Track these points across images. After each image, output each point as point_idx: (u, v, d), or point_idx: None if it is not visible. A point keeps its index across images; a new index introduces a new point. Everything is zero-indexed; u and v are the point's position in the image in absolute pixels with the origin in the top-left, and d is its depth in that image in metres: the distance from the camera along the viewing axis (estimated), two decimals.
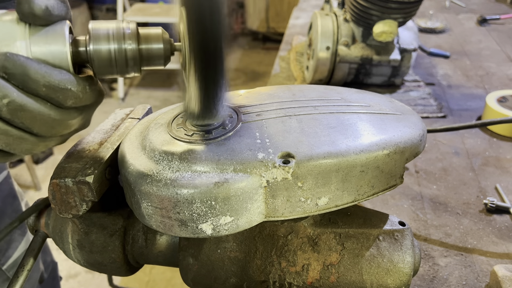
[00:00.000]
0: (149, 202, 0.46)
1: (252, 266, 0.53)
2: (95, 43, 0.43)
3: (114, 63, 0.44)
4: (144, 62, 0.46)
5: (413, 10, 1.05)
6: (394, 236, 0.53)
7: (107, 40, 0.43)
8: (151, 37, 0.45)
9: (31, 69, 0.39)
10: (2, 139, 0.40)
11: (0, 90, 0.38)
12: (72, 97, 0.42)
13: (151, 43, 0.45)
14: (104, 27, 0.44)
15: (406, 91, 1.25)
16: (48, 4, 0.40)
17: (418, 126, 0.54)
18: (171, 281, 2.09)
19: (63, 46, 0.42)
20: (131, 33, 0.44)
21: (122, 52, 0.44)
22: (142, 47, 0.45)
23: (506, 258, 0.73)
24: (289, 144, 0.47)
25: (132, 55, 0.44)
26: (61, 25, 0.42)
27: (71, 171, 0.49)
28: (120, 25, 0.44)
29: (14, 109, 0.39)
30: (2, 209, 0.87)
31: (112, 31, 0.44)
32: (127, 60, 0.44)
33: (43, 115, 0.40)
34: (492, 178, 0.91)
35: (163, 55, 0.46)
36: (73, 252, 0.57)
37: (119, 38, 0.44)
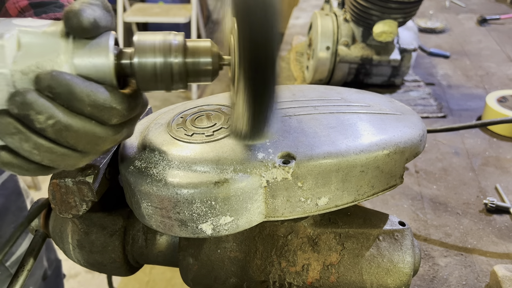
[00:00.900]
0: (149, 202, 0.46)
1: (252, 266, 0.53)
2: (139, 56, 0.41)
3: (159, 78, 0.42)
4: (191, 77, 0.43)
5: (413, 10, 1.05)
6: (394, 236, 0.53)
7: (153, 53, 0.41)
8: (199, 50, 0.42)
9: (77, 88, 0.38)
10: (47, 156, 0.39)
11: (46, 110, 0.37)
12: (117, 115, 0.40)
13: (199, 56, 0.42)
14: (149, 39, 0.41)
15: (406, 91, 1.25)
16: (96, 16, 0.39)
17: (418, 126, 0.54)
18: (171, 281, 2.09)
19: (106, 60, 0.40)
20: (177, 46, 0.41)
21: (167, 66, 0.41)
22: (189, 61, 0.42)
23: (506, 258, 0.73)
24: (289, 144, 0.47)
25: (178, 70, 0.42)
26: (106, 37, 0.41)
27: (71, 171, 0.49)
28: (167, 37, 0.42)
29: (59, 129, 0.38)
30: (7, 206, 0.87)
31: (158, 44, 0.41)
32: (173, 75, 0.42)
33: (88, 134, 0.39)
34: (492, 178, 0.91)
35: (211, 70, 0.43)
36: (73, 252, 0.57)
37: (165, 51, 0.41)
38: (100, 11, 0.40)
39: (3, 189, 0.87)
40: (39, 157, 0.39)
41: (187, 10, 3.52)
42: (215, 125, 0.50)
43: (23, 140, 0.38)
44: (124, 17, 3.49)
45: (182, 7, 3.60)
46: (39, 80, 0.37)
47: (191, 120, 0.52)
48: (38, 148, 0.38)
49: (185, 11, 3.52)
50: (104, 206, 0.56)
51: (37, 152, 0.38)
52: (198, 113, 0.53)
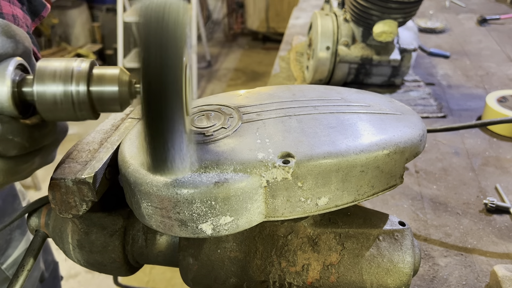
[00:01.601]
0: (149, 202, 0.46)
1: (252, 266, 0.53)
2: (38, 83, 0.39)
3: (59, 106, 0.39)
4: (97, 106, 0.41)
5: (413, 10, 1.05)
6: (394, 236, 0.53)
7: (53, 80, 0.39)
8: (105, 78, 0.40)
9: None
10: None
11: None
12: (16, 147, 0.38)
13: (104, 85, 0.40)
14: (51, 65, 0.39)
15: (406, 91, 1.25)
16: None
17: (418, 126, 0.54)
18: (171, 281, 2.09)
19: (2, 87, 0.37)
20: (80, 73, 0.39)
21: (68, 95, 0.39)
22: (93, 89, 0.40)
23: (506, 258, 0.73)
24: (289, 144, 0.47)
25: (81, 98, 0.39)
26: (5, 64, 0.38)
27: (71, 171, 0.49)
28: (70, 64, 0.39)
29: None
30: (3, 208, 0.87)
31: (59, 71, 0.39)
32: (74, 104, 0.39)
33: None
34: (492, 178, 0.91)
35: (117, 98, 0.40)
36: (73, 252, 0.57)
37: (66, 79, 0.39)
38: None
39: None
40: None
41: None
42: (215, 125, 0.50)
43: None
44: (124, 17, 3.49)
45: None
46: None
47: (191, 120, 0.52)
48: None
49: None
50: (104, 206, 0.56)
51: None
52: (198, 113, 0.53)
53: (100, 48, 4.10)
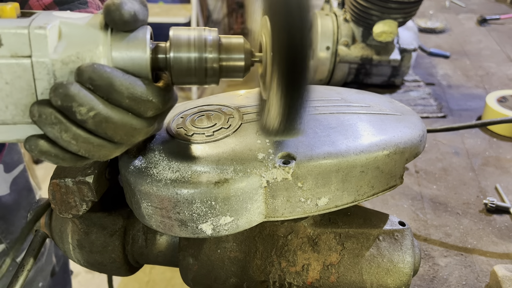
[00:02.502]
0: (149, 202, 0.46)
1: (252, 266, 0.53)
2: (175, 50, 0.42)
3: (193, 72, 0.42)
4: (224, 73, 0.44)
5: (413, 10, 1.05)
6: (394, 236, 0.53)
7: (188, 47, 0.42)
8: (233, 47, 0.43)
9: (116, 81, 0.39)
10: (84, 147, 0.40)
11: (88, 102, 0.38)
12: (153, 108, 0.41)
13: (232, 53, 0.43)
14: (185, 34, 0.42)
15: (406, 91, 1.25)
16: (135, 10, 0.40)
17: (418, 127, 0.54)
18: (171, 281, 2.09)
19: (143, 53, 0.40)
20: (212, 42, 0.42)
21: (202, 61, 0.42)
22: (223, 57, 0.43)
23: (506, 258, 0.73)
24: (289, 144, 0.47)
25: (212, 65, 0.42)
26: (143, 31, 0.41)
27: (71, 171, 0.49)
28: (202, 33, 0.42)
29: (99, 121, 0.38)
30: (18, 201, 0.88)
31: (193, 39, 0.42)
32: (207, 70, 0.42)
33: (125, 126, 0.40)
34: (492, 178, 0.91)
35: (243, 66, 0.44)
36: (73, 252, 0.57)
37: (200, 47, 0.42)
38: (138, 5, 0.40)
39: (14, 184, 0.88)
40: (77, 147, 0.39)
41: (187, 10, 3.52)
42: (215, 125, 0.50)
43: (63, 131, 0.38)
44: None
45: (182, 7, 3.61)
46: (81, 72, 0.38)
47: (191, 120, 0.52)
48: (77, 138, 0.39)
49: (185, 11, 3.52)
50: (104, 206, 0.56)
51: (75, 143, 0.39)
52: (198, 113, 0.53)
53: None
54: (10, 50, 0.37)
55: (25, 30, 0.37)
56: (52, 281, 0.99)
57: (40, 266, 0.93)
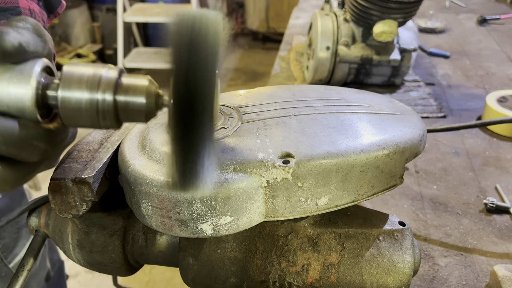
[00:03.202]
0: (149, 202, 0.46)
1: (252, 266, 0.53)
2: (64, 88, 0.37)
3: (84, 114, 0.38)
4: (122, 116, 0.39)
5: (413, 10, 1.05)
6: (394, 236, 0.53)
7: (78, 86, 0.37)
8: (133, 88, 0.38)
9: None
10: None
11: None
12: (39, 153, 0.37)
13: (131, 95, 0.38)
14: (78, 70, 0.38)
15: (406, 91, 1.25)
16: (22, 40, 0.35)
17: (418, 126, 0.54)
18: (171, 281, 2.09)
19: (26, 90, 0.36)
20: (108, 81, 0.38)
21: (93, 102, 0.37)
22: (120, 99, 0.38)
23: (506, 258, 0.73)
24: (289, 144, 0.47)
25: (105, 107, 0.38)
26: (32, 64, 0.37)
27: (71, 171, 0.49)
28: (98, 71, 0.38)
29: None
30: (10, 206, 0.87)
31: (86, 77, 0.37)
32: (98, 112, 0.38)
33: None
34: (492, 178, 0.91)
35: (144, 110, 0.39)
36: (73, 252, 0.57)
37: (93, 86, 0.37)
38: (29, 35, 0.36)
39: None
40: None
41: None
42: (215, 125, 0.50)
43: None
44: (124, 17, 3.49)
45: (182, 7, 3.60)
46: None
47: None
48: None
49: None
50: (104, 206, 0.56)
51: None
52: None
53: (100, 48, 4.10)
54: None
55: None
56: (47, 286, 0.99)
57: (34, 271, 0.92)
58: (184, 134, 0.34)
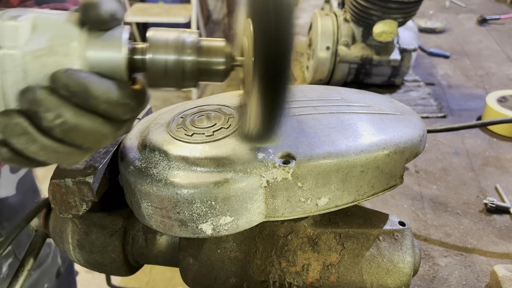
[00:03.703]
0: (149, 202, 0.46)
1: (252, 266, 0.53)
2: (152, 52, 0.40)
3: (170, 75, 0.41)
4: (202, 76, 0.42)
5: (413, 10, 1.05)
6: (394, 236, 0.53)
7: (165, 49, 0.40)
8: (212, 50, 0.42)
9: (93, 86, 0.37)
10: (52, 156, 0.39)
11: (55, 109, 0.36)
12: (129, 111, 0.40)
13: (212, 56, 0.42)
14: (163, 35, 0.41)
15: (406, 91, 1.25)
16: (113, 8, 0.38)
17: (418, 126, 0.54)
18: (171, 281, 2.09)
19: (119, 53, 0.39)
20: (191, 44, 0.41)
21: (179, 64, 0.41)
22: (202, 60, 0.41)
23: (506, 258, 0.73)
24: (289, 144, 0.47)
25: (189, 68, 0.41)
26: (120, 31, 0.40)
27: (71, 171, 0.49)
28: (181, 35, 0.41)
29: (67, 129, 0.37)
30: (24, 202, 0.88)
31: (171, 40, 0.41)
32: (184, 73, 0.41)
33: (94, 133, 0.39)
34: (492, 178, 0.91)
35: (223, 70, 0.43)
36: (73, 252, 0.57)
37: (178, 49, 0.41)
38: (116, 4, 0.39)
39: (20, 185, 0.88)
40: (45, 157, 0.39)
41: (187, 10, 3.52)
42: (215, 125, 0.50)
43: (30, 142, 0.37)
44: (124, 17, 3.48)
45: (182, 7, 3.61)
46: (55, 78, 0.37)
47: (191, 120, 0.52)
48: (44, 149, 0.38)
49: (185, 11, 3.52)
50: (104, 206, 0.56)
51: (43, 153, 0.38)
52: (198, 113, 0.53)
53: None
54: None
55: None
56: (57, 282, 0.99)
57: (46, 268, 0.93)
58: (270, 89, 0.37)
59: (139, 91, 0.41)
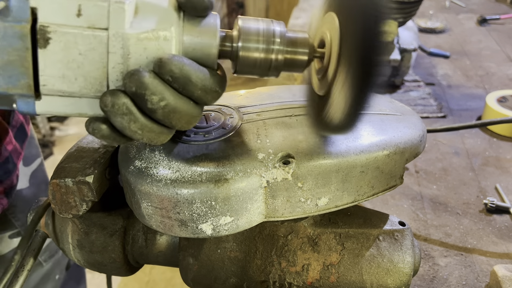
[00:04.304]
0: (149, 202, 0.46)
1: (252, 266, 0.53)
2: (244, 40, 0.42)
3: (258, 64, 0.42)
4: (286, 67, 0.44)
5: (413, 10, 1.05)
6: (394, 236, 0.53)
7: (257, 38, 0.42)
8: (298, 41, 0.43)
9: (193, 73, 0.39)
10: (147, 135, 0.40)
11: (160, 92, 0.38)
12: (217, 97, 0.42)
13: (298, 47, 0.43)
14: (254, 24, 0.42)
15: (406, 91, 1.25)
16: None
17: (418, 127, 0.54)
18: (171, 281, 2.09)
19: (214, 40, 0.40)
20: (280, 34, 0.42)
21: (269, 53, 0.42)
22: (289, 50, 0.43)
23: (506, 258, 0.73)
24: (289, 144, 0.47)
25: (277, 59, 0.42)
26: (214, 18, 0.41)
27: (71, 171, 0.49)
28: (270, 25, 0.42)
29: (168, 111, 0.39)
30: (37, 194, 0.89)
31: (262, 30, 0.42)
32: (272, 62, 0.43)
33: (188, 114, 0.41)
34: (492, 178, 0.91)
35: (306, 61, 0.44)
36: (73, 252, 0.57)
37: (269, 39, 0.42)
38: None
39: (33, 178, 0.89)
40: (141, 136, 0.40)
41: None
42: (215, 125, 0.50)
43: (132, 121, 0.39)
44: None
45: None
46: (162, 64, 0.38)
47: None
48: (143, 129, 0.40)
49: None
50: (104, 206, 0.56)
51: (141, 132, 0.40)
52: None
53: None
54: (88, 21, 0.37)
55: (105, 3, 0.37)
56: (68, 275, 1.01)
57: (58, 259, 0.95)
58: (363, 82, 0.38)
59: (224, 78, 0.43)
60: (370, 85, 0.38)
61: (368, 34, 0.37)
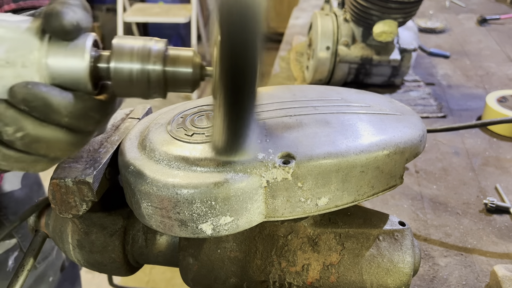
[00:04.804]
0: (149, 202, 0.46)
1: (252, 266, 0.53)
2: (116, 60, 0.39)
3: (135, 84, 0.40)
4: (170, 86, 0.42)
5: (413, 10, 1.05)
6: (394, 236, 0.53)
7: (130, 57, 0.39)
8: (180, 59, 0.41)
9: (54, 100, 0.36)
10: (16, 165, 0.39)
11: (14, 123, 0.36)
12: (94, 122, 0.40)
13: (179, 66, 0.41)
14: (129, 43, 0.40)
15: (406, 91, 1.25)
16: (77, 18, 0.37)
17: (418, 127, 0.54)
18: (171, 281, 2.09)
19: (81, 62, 0.38)
20: (157, 53, 0.40)
21: (145, 73, 0.40)
22: (168, 69, 0.40)
23: (506, 258, 0.73)
24: (289, 144, 0.47)
25: (155, 77, 0.40)
26: (84, 39, 0.39)
27: (71, 171, 0.49)
28: (147, 43, 0.40)
29: (29, 141, 0.37)
30: (30, 196, 0.89)
31: (136, 49, 0.40)
32: (150, 82, 0.40)
33: (59, 143, 0.38)
34: (492, 178, 0.91)
35: (190, 80, 0.41)
36: (73, 252, 0.57)
37: (144, 57, 0.39)
38: (81, 12, 0.38)
39: (25, 179, 0.89)
40: (8, 167, 0.38)
41: (187, 10, 3.52)
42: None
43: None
44: (124, 17, 3.49)
45: (182, 7, 3.61)
46: (13, 93, 0.36)
47: (191, 120, 0.52)
48: (7, 159, 0.38)
49: (185, 11, 3.52)
50: (104, 206, 0.56)
51: (6, 163, 0.38)
52: (198, 113, 0.53)
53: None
54: None
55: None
56: (62, 276, 1.01)
57: (51, 261, 0.95)
58: (235, 102, 0.36)
59: (105, 102, 0.40)
60: (243, 108, 0.36)
61: (237, 50, 0.33)
